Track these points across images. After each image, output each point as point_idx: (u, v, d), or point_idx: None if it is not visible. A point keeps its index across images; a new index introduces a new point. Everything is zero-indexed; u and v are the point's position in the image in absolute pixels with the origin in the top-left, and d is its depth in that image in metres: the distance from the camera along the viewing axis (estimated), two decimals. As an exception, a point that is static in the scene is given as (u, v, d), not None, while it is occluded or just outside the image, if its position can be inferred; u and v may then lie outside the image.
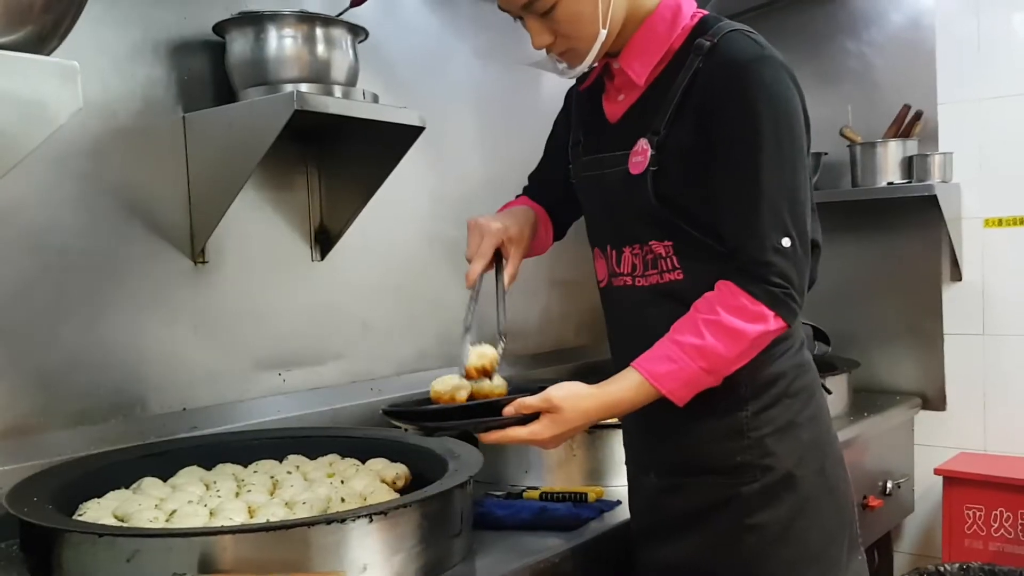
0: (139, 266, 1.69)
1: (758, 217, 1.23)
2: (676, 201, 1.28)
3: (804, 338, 1.41)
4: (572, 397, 1.25)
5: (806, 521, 1.32)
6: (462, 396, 1.29)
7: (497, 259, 1.41)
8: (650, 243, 1.33)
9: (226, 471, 1.54)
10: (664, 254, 1.32)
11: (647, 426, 1.41)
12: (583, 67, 1.32)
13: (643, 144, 1.30)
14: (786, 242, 1.23)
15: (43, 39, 0.84)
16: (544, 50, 1.31)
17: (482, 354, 1.31)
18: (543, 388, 1.27)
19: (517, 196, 1.57)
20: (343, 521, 1.17)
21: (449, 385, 1.29)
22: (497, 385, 1.31)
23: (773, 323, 1.24)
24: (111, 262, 1.66)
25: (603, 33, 1.26)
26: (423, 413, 1.30)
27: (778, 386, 1.33)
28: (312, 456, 1.64)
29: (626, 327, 1.42)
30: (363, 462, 1.59)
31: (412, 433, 1.29)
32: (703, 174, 1.26)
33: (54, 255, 1.57)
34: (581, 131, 1.44)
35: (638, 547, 1.46)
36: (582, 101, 1.46)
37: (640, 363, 1.26)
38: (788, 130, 1.25)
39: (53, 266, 1.57)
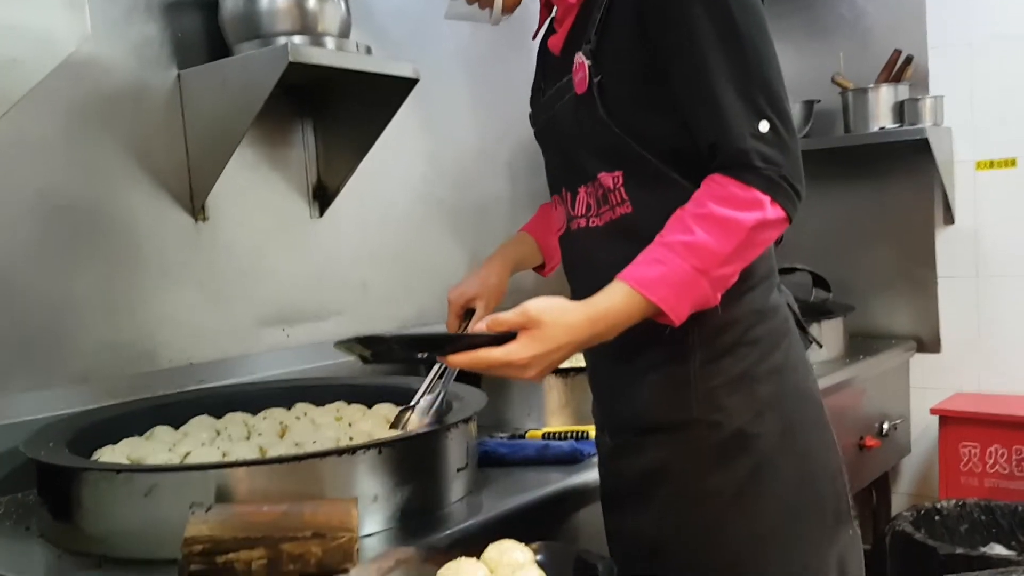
0: (141, 224, 1.72)
1: (726, 106, 1.11)
2: (628, 120, 1.18)
3: (775, 282, 1.27)
4: (553, 309, 1.09)
5: (763, 486, 1.18)
6: None
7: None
8: (599, 177, 1.22)
9: (236, 419, 1.57)
10: (612, 186, 1.20)
11: (599, 381, 1.34)
12: (498, 7, 1.30)
13: (579, 58, 1.21)
14: (764, 126, 1.11)
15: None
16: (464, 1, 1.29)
17: None
18: None
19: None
20: (353, 453, 1.20)
21: None
22: None
23: (771, 210, 1.10)
24: (114, 221, 1.68)
25: None
26: (382, 339, 1.15)
27: (732, 333, 1.19)
28: (319, 403, 1.67)
29: (580, 274, 1.32)
30: (369, 407, 1.62)
31: (370, 362, 1.14)
32: (655, 87, 1.16)
33: (56, 215, 1.59)
34: (539, 79, 1.40)
35: (604, 514, 1.36)
36: (539, 53, 1.41)
37: (626, 272, 1.11)
38: (739, 6, 1.12)
39: (56, 225, 1.59)
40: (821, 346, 1.48)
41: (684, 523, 1.21)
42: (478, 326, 1.13)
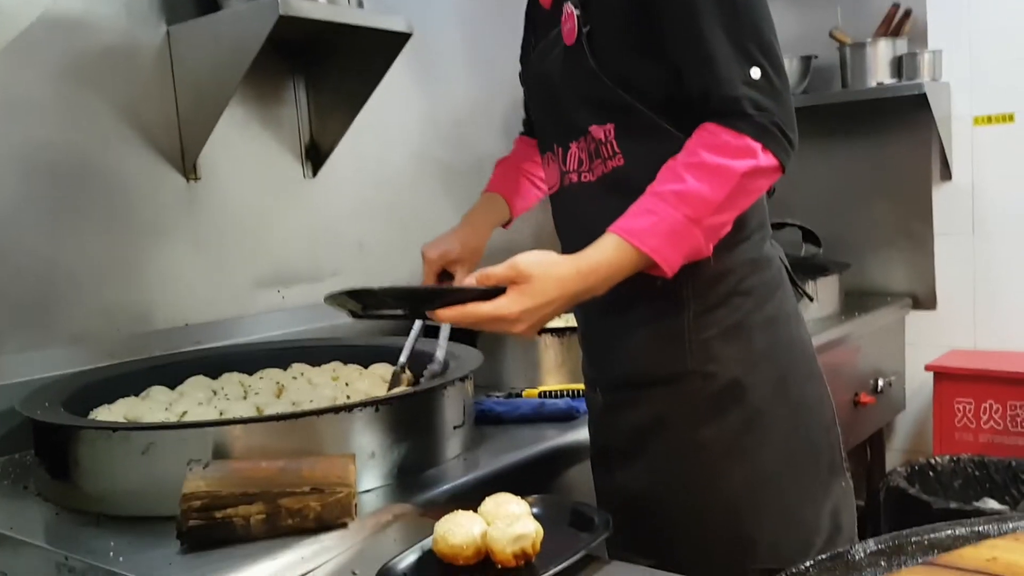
0: (132, 184, 1.70)
1: (717, 53, 1.09)
2: (618, 70, 1.16)
3: (768, 233, 1.26)
4: (543, 263, 1.07)
5: (757, 436, 1.18)
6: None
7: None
8: (590, 130, 1.20)
9: (232, 379, 1.57)
10: (604, 139, 1.19)
11: (591, 336, 1.33)
12: None
13: (568, 8, 1.19)
14: (755, 73, 1.09)
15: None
16: None
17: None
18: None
19: (520, 133, 1.56)
20: (351, 410, 1.20)
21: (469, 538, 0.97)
22: None
23: (763, 157, 1.08)
24: (104, 180, 1.66)
25: None
26: (371, 292, 1.14)
27: (726, 283, 1.18)
28: (315, 364, 1.67)
29: (573, 231, 1.28)
30: (366, 367, 1.62)
31: (360, 316, 1.14)
32: (644, 36, 1.14)
33: (45, 174, 1.58)
34: (528, 36, 1.39)
35: (593, 473, 1.36)
36: (527, 8, 1.40)
37: (617, 223, 1.10)
38: None
39: (46, 186, 1.58)
40: (812, 299, 1.48)
41: (679, 475, 1.21)
42: (467, 280, 1.12)
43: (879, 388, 2.62)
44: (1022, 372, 2.55)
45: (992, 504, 2.39)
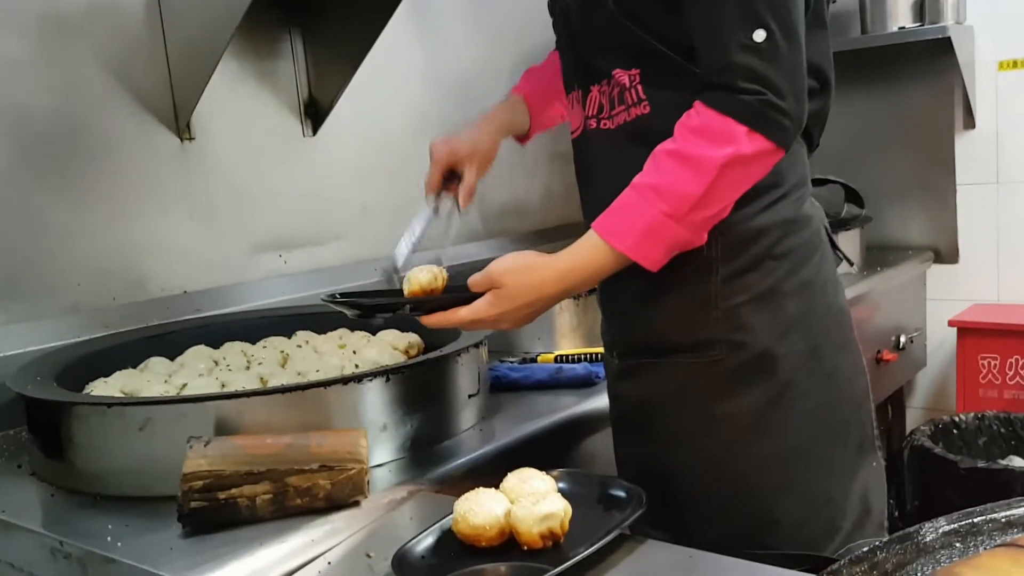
0: (124, 145, 1.62)
1: (718, 8, 0.99)
2: (640, 12, 1.07)
3: (808, 191, 1.17)
4: (516, 270, 1.06)
5: (784, 410, 1.11)
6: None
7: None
8: (614, 74, 1.12)
9: (235, 348, 1.49)
10: (628, 84, 1.10)
11: (609, 299, 1.25)
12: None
13: None
14: (759, 35, 0.98)
15: None
16: None
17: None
18: None
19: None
20: (360, 381, 1.13)
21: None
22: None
23: (746, 143, 0.98)
24: (94, 142, 1.58)
25: None
26: (362, 296, 1.25)
27: (759, 245, 1.10)
28: (321, 331, 1.59)
29: (592, 180, 1.22)
30: (374, 334, 1.55)
31: (352, 317, 1.18)
32: None
33: (33, 138, 1.50)
34: None
35: (614, 440, 1.28)
36: None
37: (598, 220, 1.05)
38: None
39: (33, 150, 1.50)
40: (852, 263, 1.36)
41: (699, 449, 1.14)
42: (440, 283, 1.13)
43: (901, 345, 2.54)
44: (1049, 326, 2.47)
45: (1019, 461, 2.33)
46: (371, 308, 1.21)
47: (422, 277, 1.13)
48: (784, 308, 1.11)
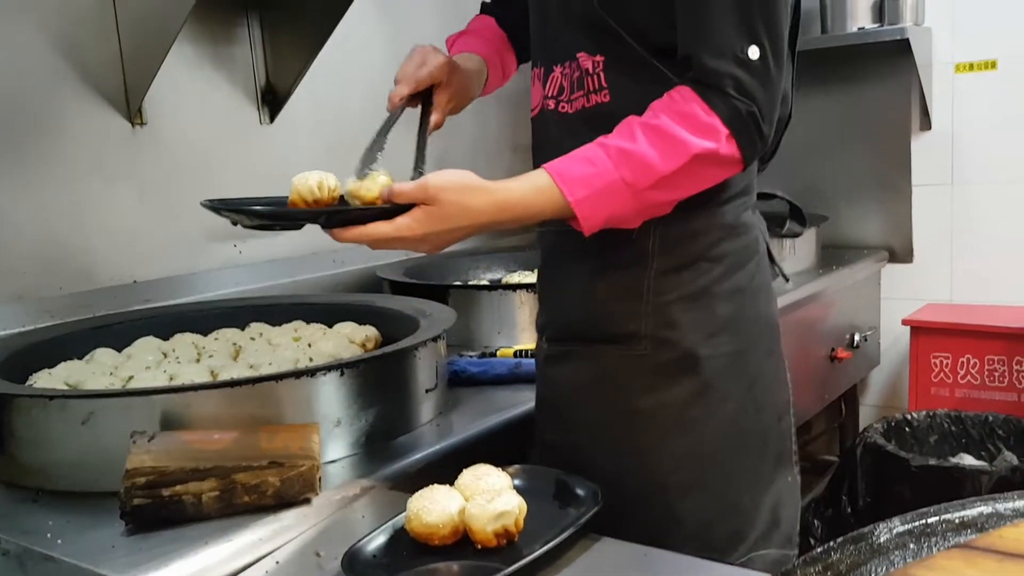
0: (72, 128, 1.57)
1: (716, 16, 0.99)
2: (615, 4, 1.06)
3: (751, 202, 1.18)
4: (456, 188, 0.98)
5: (704, 411, 1.10)
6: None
7: (425, 100, 1.23)
8: (578, 57, 1.10)
9: (184, 340, 1.46)
10: (591, 70, 1.09)
11: (546, 281, 1.24)
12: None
13: None
14: (753, 52, 0.98)
15: None
16: None
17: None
18: None
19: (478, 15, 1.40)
20: (313, 374, 1.11)
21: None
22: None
23: (725, 145, 0.99)
24: (41, 124, 1.53)
25: None
26: (258, 212, 1.07)
27: (696, 244, 1.10)
28: (275, 323, 1.56)
29: (545, 161, 1.15)
30: (330, 326, 1.52)
31: (247, 227, 1.05)
32: None
33: (-24, 117, 1.45)
34: None
35: (535, 426, 1.26)
36: None
37: (553, 163, 1.01)
38: None
39: (-25, 129, 1.44)
40: (788, 280, 1.39)
41: (614, 440, 1.13)
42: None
43: (855, 343, 2.57)
44: (1000, 326, 2.51)
45: (969, 460, 2.37)
46: (268, 217, 1.07)
47: (310, 182, 1.02)
48: (714, 310, 1.11)
